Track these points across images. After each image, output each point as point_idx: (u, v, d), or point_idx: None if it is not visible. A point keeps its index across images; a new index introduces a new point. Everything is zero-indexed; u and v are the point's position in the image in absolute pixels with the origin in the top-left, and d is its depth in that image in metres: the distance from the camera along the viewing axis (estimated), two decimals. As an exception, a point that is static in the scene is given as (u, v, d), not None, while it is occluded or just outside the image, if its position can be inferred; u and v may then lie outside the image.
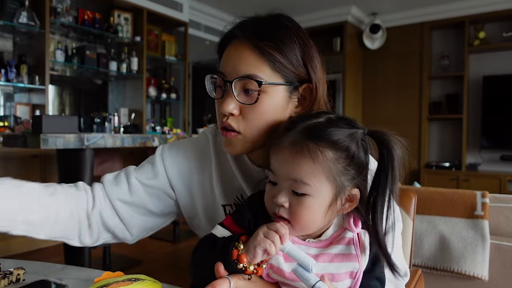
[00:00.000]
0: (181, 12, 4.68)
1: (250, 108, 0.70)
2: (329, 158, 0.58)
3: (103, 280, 0.65)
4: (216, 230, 0.67)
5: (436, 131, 5.18)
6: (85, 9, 3.88)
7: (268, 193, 0.63)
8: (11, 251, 3.09)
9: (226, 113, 0.71)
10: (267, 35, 0.70)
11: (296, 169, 0.59)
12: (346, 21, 5.02)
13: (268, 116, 0.71)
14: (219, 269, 0.59)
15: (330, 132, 0.59)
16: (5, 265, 0.79)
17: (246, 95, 0.71)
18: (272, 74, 0.70)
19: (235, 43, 0.72)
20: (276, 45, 0.69)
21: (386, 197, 0.60)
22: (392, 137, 0.60)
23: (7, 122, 3.40)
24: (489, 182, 4.40)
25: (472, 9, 4.66)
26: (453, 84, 4.98)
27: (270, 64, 0.69)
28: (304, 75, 0.73)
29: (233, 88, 0.70)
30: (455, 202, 1.71)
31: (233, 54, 0.71)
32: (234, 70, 0.70)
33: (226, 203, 0.82)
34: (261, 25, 0.72)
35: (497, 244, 1.63)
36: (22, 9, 3.32)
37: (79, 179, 2.10)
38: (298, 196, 0.59)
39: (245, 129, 0.72)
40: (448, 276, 1.67)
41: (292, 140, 0.60)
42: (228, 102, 0.70)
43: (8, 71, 3.31)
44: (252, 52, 0.69)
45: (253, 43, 0.69)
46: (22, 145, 1.97)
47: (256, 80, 0.69)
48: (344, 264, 0.61)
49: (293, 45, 0.71)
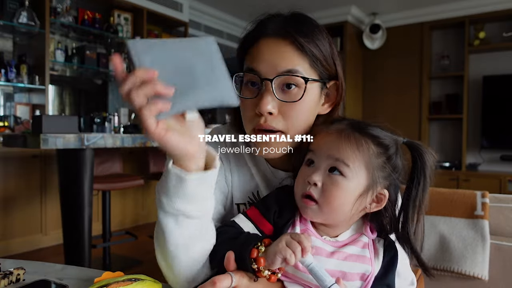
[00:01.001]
0: (181, 12, 4.68)
1: (290, 106, 0.69)
2: (371, 150, 0.62)
3: (103, 280, 0.65)
4: (239, 219, 0.68)
5: (436, 131, 5.18)
6: (85, 9, 3.88)
7: (302, 174, 0.65)
8: (11, 251, 3.09)
9: (264, 113, 0.68)
10: (303, 30, 0.70)
11: (340, 149, 0.62)
12: (346, 21, 5.02)
13: (308, 113, 0.71)
14: (230, 259, 0.59)
15: (376, 130, 0.65)
16: (5, 265, 0.79)
17: (285, 92, 0.69)
18: (310, 70, 0.70)
19: (268, 41, 0.70)
20: (313, 41, 0.69)
21: (417, 202, 0.64)
22: (425, 147, 0.65)
23: (7, 122, 3.40)
24: (489, 182, 4.40)
25: (472, 9, 4.66)
26: (453, 84, 4.98)
27: (309, 60, 0.69)
28: (333, 72, 0.74)
29: (273, 86, 0.68)
30: (455, 202, 1.71)
31: (268, 51, 0.69)
32: (272, 67, 0.68)
33: (240, 202, 0.82)
34: (293, 21, 0.72)
35: (497, 244, 1.63)
36: (22, 9, 3.32)
37: (79, 179, 2.11)
38: (333, 175, 0.62)
39: (288, 128, 0.70)
40: (448, 276, 1.67)
41: (339, 127, 0.65)
42: (268, 101, 0.67)
43: (8, 71, 3.32)
44: (291, 48, 0.68)
45: (292, 39, 0.68)
46: (22, 145, 1.97)
47: (302, 76, 0.68)
48: (357, 265, 0.62)
49: (325, 42, 0.72)
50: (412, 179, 0.65)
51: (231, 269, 0.59)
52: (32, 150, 3.08)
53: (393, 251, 0.66)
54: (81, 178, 2.08)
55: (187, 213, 0.59)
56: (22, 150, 3.02)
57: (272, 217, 0.66)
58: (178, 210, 0.58)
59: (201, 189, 0.58)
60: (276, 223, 0.66)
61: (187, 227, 0.60)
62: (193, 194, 0.58)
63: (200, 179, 0.57)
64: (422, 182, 0.64)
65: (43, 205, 3.31)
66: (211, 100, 0.52)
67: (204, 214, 0.61)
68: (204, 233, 0.63)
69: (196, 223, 0.61)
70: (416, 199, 0.64)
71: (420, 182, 0.64)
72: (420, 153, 0.64)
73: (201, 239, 0.63)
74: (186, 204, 0.58)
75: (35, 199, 3.26)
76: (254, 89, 0.71)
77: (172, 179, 0.56)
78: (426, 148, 0.65)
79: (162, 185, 0.59)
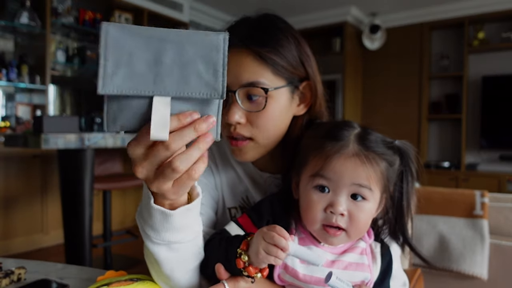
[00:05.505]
0: (182, 12, 4.68)
1: (257, 114, 0.70)
2: (383, 167, 0.63)
3: (105, 279, 0.66)
4: (230, 227, 0.68)
5: (435, 131, 5.18)
6: (86, 10, 3.89)
7: (318, 202, 0.61)
8: (12, 251, 3.09)
9: (233, 123, 0.70)
10: (264, 40, 0.70)
11: (360, 175, 0.60)
12: (346, 22, 5.02)
13: (276, 119, 0.72)
14: (220, 271, 0.60)
15: (382, 142, 0.64)
16: (7, 264, 0.79)
17: (250, 102, 0.70)
18: (274, 78, 0.70)
19: (232, 52, 0.69)
20: (275, 49, 0.70)
21: (408, 195, 0.68)
22: (404, 142, 0.67)
23: (8, 122, 3.40)
24: (488, 182, 4.40)
25: (472, 10, 4.66)
26: (452, 84, 4.98)
27: (271, 69, 0.69)
28: (302, 73, 0.74)
29: (237, 97, 0.69)
30: (454, 202, 1.72)
31: (231, 63, 0.68)
32: (236, 79, 0.69)
33: (232, 206, 0.83)
34: (256, 29, 0.72)
35: (496, 244, 1.63)
36: (23, 9, 3.33)
37: (80, 179, 2.11)
38: (357, 202, 0.61)
39: (256, 135, 0.71)
40: (447, 276, 1.68)
41: (350, 150, 0.62)
42: (234, 111, 0.69)
43: (9, 71, 3.32)
44: (252, 59, 0.69)
45: (252, 50, 0.69)
46: (23, 145, 1.98)
47: (262, 87, 0.68)
48: (357, 274, 0.62)
49: (290, 46, 0.72)
50: (401, 175, 0.67)
51: (225, 278, 0.60)
52: (33, 150, 3.09)
53: (388, 256, 0.68)
54: (81, 178, 2.08)
55: (178, 241, 0.57)
56: (23, 150, 3.03)
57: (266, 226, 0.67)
58: (169, 241, 0.56)
59: (188, 219, 0.56)
60: None
61: (181, 251, 0.59)
62: (181, 226, 0.56)
63: (186, 212, 0.54)
64: (409, 177, 0.67)
65: (44, 205, 3.31)
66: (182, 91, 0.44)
67: (196, 235, 0.60)
68: (198, 250, 0.63)
69: (188, 245, 0.60)
70: (407, 194, 0.67)
71: (408, 177, 0.67)
72: (404, 151, 0.66)
73: (196, 256, 0.63)
74: (176, 234, 0.56)
75: (36, 199, 3.27)
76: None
77: (156, 216, 0.54)
78: (405, 142, 0.67)
79: (146, 220, 0.56)
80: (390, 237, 0.69)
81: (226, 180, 0.83)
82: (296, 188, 0.68)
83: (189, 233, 0.58)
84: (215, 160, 0.84)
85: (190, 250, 0.61)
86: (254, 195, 0.81)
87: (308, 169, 0.64)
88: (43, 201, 3.31)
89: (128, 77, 0.42)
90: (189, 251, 0.60)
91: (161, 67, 0.43)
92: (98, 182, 2.44)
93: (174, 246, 0.58)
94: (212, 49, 0.44)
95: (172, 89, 0.44)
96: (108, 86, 0.43)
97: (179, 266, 0.61)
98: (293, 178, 0.69)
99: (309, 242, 0.64)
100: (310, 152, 0.64)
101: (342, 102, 5.02)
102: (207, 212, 0.78)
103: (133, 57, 0.42)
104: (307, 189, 0.63)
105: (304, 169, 0.65)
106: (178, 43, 0.44)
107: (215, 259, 0.62)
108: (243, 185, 0.82)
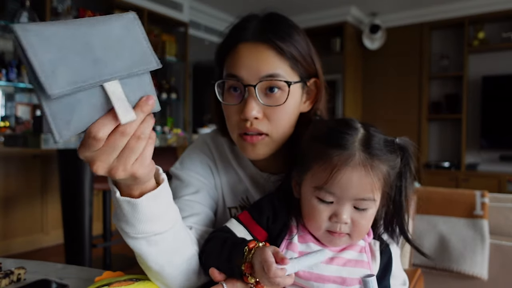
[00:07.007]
0: (181, 12, 4.68)
1: (275, 109, 0.69)
2: (386, 173, 0.62)
3: (104, 279, 0.66)
4: (231, 224, 0.68)
5: (435, 131, 5.18)
6: (86, 9, 3.88)
7: (322, 212, 0.61)
8: (11, 251, 3.09)
9: (250, 119, 0.69)
10: (281, 34, 0.70)
11: (366, 188, 0.60)
12: (346, 21, 5.02)
13: (291, 114, 0.72)
14: (215, 274, 0.60)
15: (386, 147, 0.63)
16: (6, 264, 0.79)
17: (268, 96, 0.70)
18: (291, 72, 0.71)
19: (247, 45, 0.70)
20: (292, 43, 0.70)
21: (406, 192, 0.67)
22: (404, 141, 0.66)
23: (8, 122, 3.40)
24: (488, 182, 4.40)
25: (472, 9, 4.66)
26: (452, 84, 4.98)
27: (289, 62, 0.70)
28: (313, 70, 0.75)
29: (256, 91, 0.68)
30: (454, 202, 1.72)
31: (248, 57, 0.69)
32: (254, 73, 0.68)
33: (232, 206, 0.83)
34: (270, 23, 0.72)
35: (496, 244, 1.63)
36: (23, 9, 3.32)
37: (79, 179, 2.11)
38: (360, 210, 0.62)
39: (271, 131, 0.71)
40: (448, 276, 1.68)
41: (357, 159, 0.60)
42: (252, 106, 0.68)
43: (9, 71, 3.32)
44: (272, 52, 0.68)
45: (270, 43, 0.68)
46: (23, 145, 1.98)
47: (285, 80, 0.68)
48: (356, 270, 0.63)
49: (303, 42, 0.72)
50: (400, 173, 0.66)
51: (221, 280, 0.60)
52: (32, 150, 3.09)
53: (388, 254, 0.68)
54: (81, 177, 2.09)
55: (155, 232, 0.57)
56: (23, 150, 3.03)
57: (266, 223, 0.67)
58: (146, 233, 0.56)
59: (159, 207, 0.56)
60: (270, 228, 0.66)
61: (162, 243, 0.59)
62: (154, 214, 0.55)
63: (154, 198, 0.54)
64: (408, 173, 0.66)
65: (43, 205, 3.31)
66: (125, 70, 0.45)
67: (173, 224, 0.59)
68: (182, 241, 0.63)
69: (168, 235, 0.59)
70: (406, 190, 0.66)
71: (407, 174, 0.66)
72: (404, 148, 0.66)
73: (181, 248, 0.63)
74: (150, 224, 0.56)
75: (36, 199, 3.27)
76: (236, 95, 0.71)
77: (125, 208, 0.54)
78: (406, 139, 0.67)
79: (119, 217, 0.56)
80: (389, 235, 0.69)
81: (226, 180, 0.83)
82: (296, 186, 0.68)
83: (165, 223, 0.58)
84: (215, 161, 0.84)
85: (172, 242, 0.60)
86: (254, 195, 0.81)
87: (311, 176, 0.63)
88: (43, 201, 3.31)
89: (70, 72, 0.40)
90: (170, 243, 0.60)
91: (95, 53, 0.42)
92: (98, 182, 2.44)
93: (152, 239, 0.57)
94: (134, 25, 0.46)
95: (116, 71, 0.43)
96: (56, 87, 0.39)
97: (165, 261, 0.60)
98: (294, 177, 0.68)
99: (308, 240, 0.64)
100: (314, 159, 0.62)
101: (342, 102, 5.02)
102: (205, 211, 0.77)
103: (63, 51, 0.40)
104: (311, 197, 0.63)
105: (307, 175, 0.64)
106: (97, 29, 0.43)
107: (215, 260, 0.63)
108: (243, 185, 0.82)
